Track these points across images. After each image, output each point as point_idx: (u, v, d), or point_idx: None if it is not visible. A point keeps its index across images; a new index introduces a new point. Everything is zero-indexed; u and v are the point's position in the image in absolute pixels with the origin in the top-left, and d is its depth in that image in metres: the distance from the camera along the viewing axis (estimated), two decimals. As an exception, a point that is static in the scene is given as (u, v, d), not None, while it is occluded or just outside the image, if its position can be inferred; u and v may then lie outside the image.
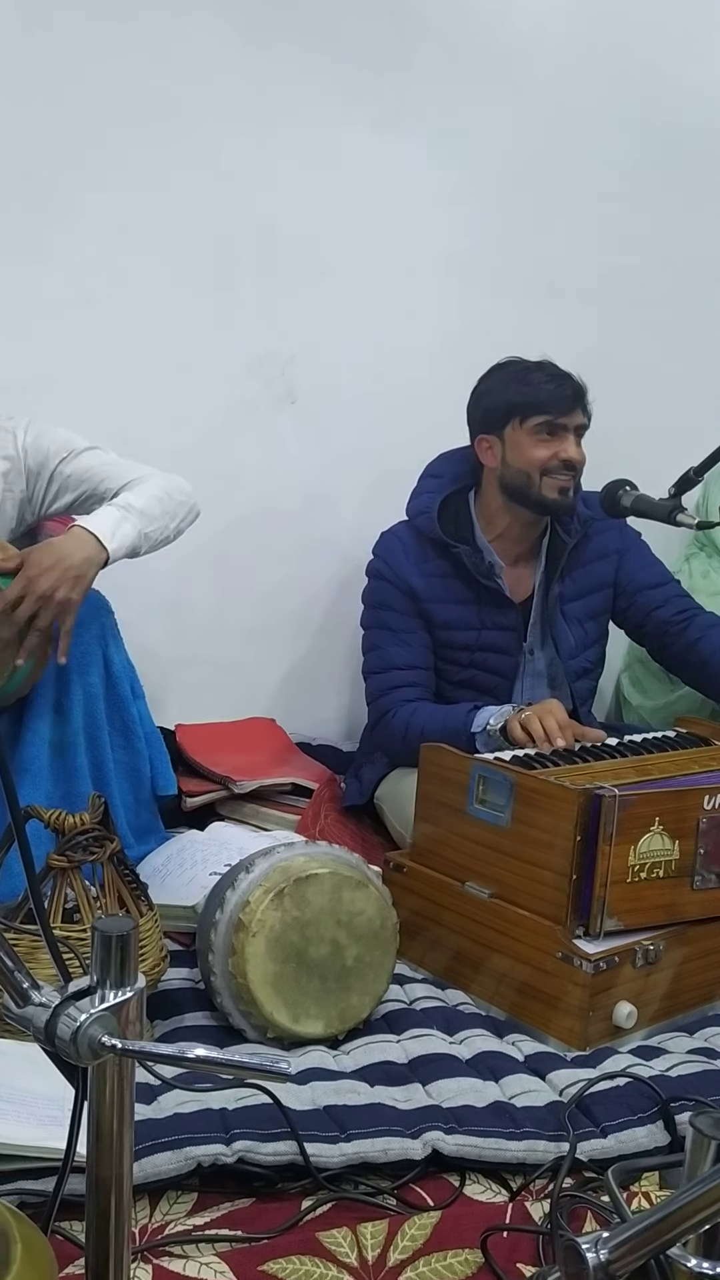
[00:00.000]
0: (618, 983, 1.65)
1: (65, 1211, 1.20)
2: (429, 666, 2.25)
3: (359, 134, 2.58)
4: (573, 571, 2.28)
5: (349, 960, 1.60)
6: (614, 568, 2.32)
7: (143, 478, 1.94)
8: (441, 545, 2.22)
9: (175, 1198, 1.28)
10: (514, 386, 2.17)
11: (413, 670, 2.23)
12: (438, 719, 2.13)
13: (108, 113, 2.36)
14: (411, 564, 2.23)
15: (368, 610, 2.31)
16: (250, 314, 2.56)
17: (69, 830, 1.55)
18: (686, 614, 2.30)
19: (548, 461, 2.15)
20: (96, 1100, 0.82)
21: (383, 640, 2.25)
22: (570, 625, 2.29)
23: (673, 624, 2.28)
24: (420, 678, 2.23)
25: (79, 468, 1.97)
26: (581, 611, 2.30)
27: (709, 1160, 0.78)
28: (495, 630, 2.24)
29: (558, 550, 2.27)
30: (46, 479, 1.98)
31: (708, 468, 2.10)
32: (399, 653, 2.23)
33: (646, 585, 2.32)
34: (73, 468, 1.97)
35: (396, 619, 2.24)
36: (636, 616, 2.33)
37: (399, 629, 2.24)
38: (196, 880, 1.91)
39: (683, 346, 2.94)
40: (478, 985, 1.79)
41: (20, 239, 2.35)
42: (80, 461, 1.98)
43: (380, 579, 2.27)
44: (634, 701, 2.74)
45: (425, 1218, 1.26)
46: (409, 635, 2.24)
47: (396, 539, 2.28)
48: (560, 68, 2.72)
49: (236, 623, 2.67)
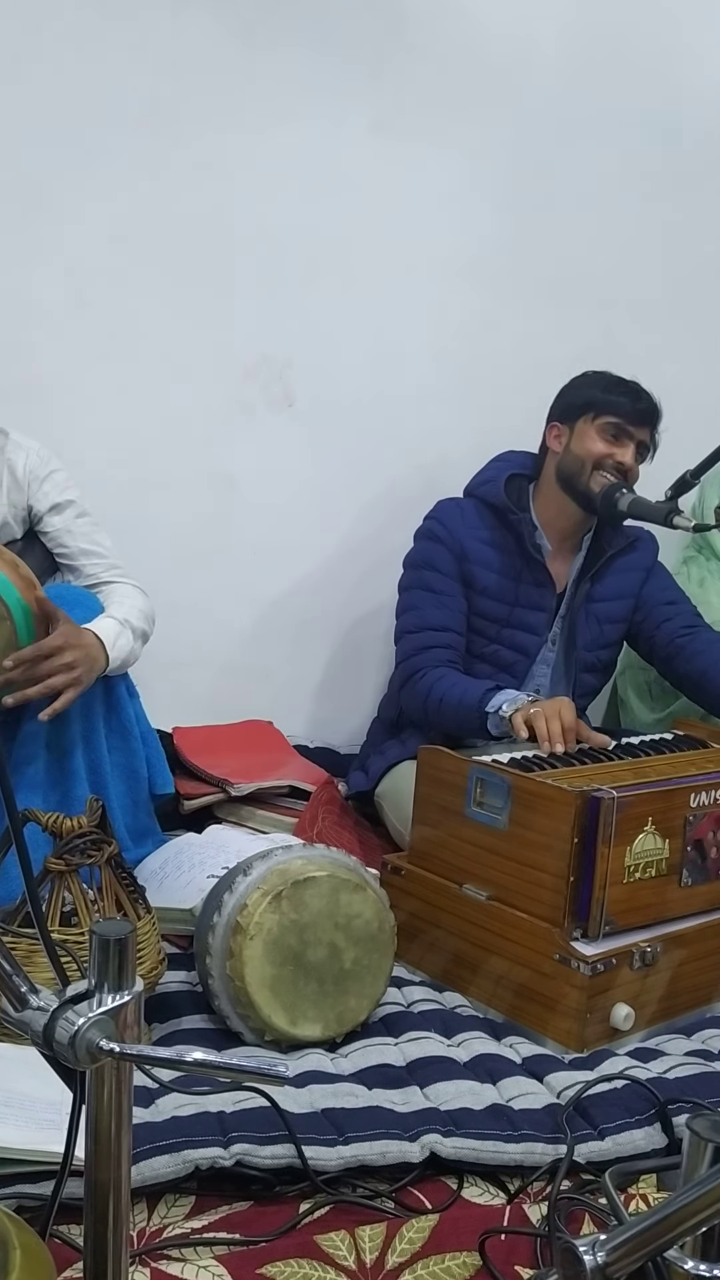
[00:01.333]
0: (615, 985, 1.66)
1: (63, 1215, 1.20)
2: (463, 632, 2.31)
3: (357, 136, 2.59)
4: (605, 576, 2.36)
5: (347, 963, 1.60)
6: (640, 581, 2.40)
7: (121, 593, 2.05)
8: (500, 514, 2.30)
9: (173, 1201, 1.28)
10: (599, 388, 2.27)
11: (447, 633, 2.28)
12: (457, 691, 2.16)
13: (105, 115, 2.36)
14: (468, 527, 2.31)
15: (410, 571, 2.36)
16: (248, 317, 2.56)
17: (66, 833, 1.55)
18: (692, 629, 2.36)
19: (603, 458, 2.24)
20: (95, 1104, 0.82)
21: (422, 601, 2.31)
22: (590, 622, 2.36)
23: (677, 637, 2.35)
24: (454, 640, 2.28)
25: (61, 527, 2.07)
26: (603, 613, 2.37)
27: (706, 1162, 0.78)
28: (528, 609, 2.31)
29: (597, 553, 2.35)
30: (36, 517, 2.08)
31: (704, 470, 2.11)
32: (436, 614, 2.28)
33: (662, 601, 2.40)
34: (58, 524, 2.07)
35: (439, 580, 2.30)
36: (647, 629, 2.40)
37: (440, 590, 2.29)
38: (194, 883, 1.91)
39: (681, 350, 2.94)
40: (475, 988, 1.79)
41: (17, 242, 2.35)
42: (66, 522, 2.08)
43: (431, 539, 2.33)
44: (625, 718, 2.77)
45: (423, 1220, 1.26)
46: (448, 599, 2.29)
47: (455, 505, 2.36)
48: (558, 70, 2.73)
49: (234, 626, 2.68)
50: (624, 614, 2.39)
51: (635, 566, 2.39)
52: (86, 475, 2.16)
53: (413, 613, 2.31)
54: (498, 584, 2.29)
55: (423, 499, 2.38)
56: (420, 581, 2.32)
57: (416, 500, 2.40)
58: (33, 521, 2.07)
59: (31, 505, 2.05)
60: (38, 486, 2.04)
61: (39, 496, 2.04)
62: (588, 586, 2.35)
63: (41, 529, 2.07)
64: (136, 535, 2.36)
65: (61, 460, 2.10)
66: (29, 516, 2.06)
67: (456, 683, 2.19)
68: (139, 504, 2.47)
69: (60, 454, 2.11)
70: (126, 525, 2.29)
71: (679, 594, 2.45)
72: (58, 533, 2.07)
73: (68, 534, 2.07)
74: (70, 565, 2.09)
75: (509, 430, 2.37)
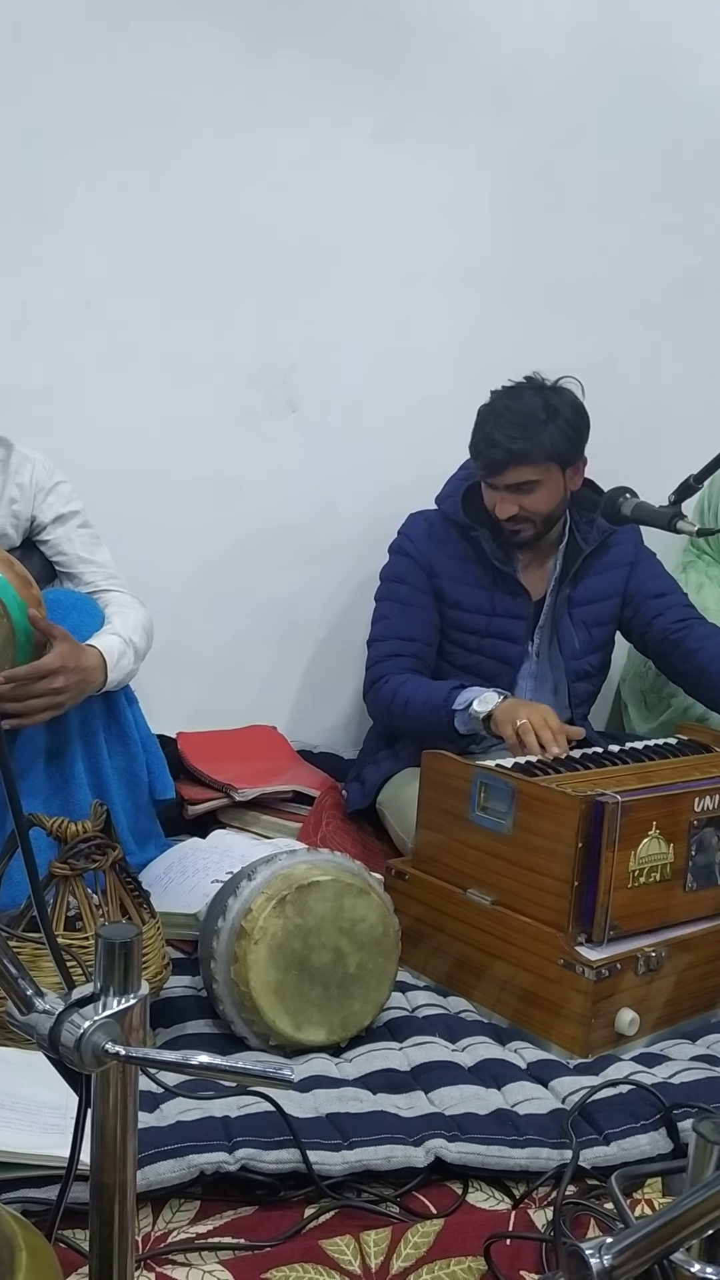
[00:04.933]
0: (620, 990, 1.65)
1: (68, 1220, 1.20)
2: (431, 643, 2.31)
3: (359, 143, 2.59)
4: (585, 578, 2.33)
5: (351, 967, 1.60)
6: (625, 578, 2.36)
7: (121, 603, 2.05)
8: (463, 528, 2.28)
9: (178, 1206, 1.28)
10: (474, 428, 2.22)
11: (413, 643, 2.29)
12: (422, 693, 2.18)
13: (108, 122, 2.37)
14: (434, 542, 2.31)
15: (383, 584, 2.38)
16: (251, 323, 2.57)
17: (71, 838, 1.55)
18: (685, 623, 2.32)
19: (491, 510, 2.22)
20: (100, 1107, 0.82)
21: (390, 611, 2.33)
22: (576, 628, 2.33)
23: (672, 631, 2.31)
24: (419, 651, 2.29)
25: (61, 536, 2.08)
26: (589, 616, 2.34)
27: (712, 1165, 0.78)
28: (506, 618, 2.29)
29: (573, 555, 2.31)
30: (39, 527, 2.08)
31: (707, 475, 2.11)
32: (403, 624, 2.30)
33: (651, 594, 2.36)
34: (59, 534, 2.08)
35: (407, 592, 2.31)
36: (640, 625, 2.36)
37: (408, 602, 2.31)
38: (198, 888, 1.91)
39: (684, 354, 2.95)
40: (480, 992, 1.79)
41: (20, 248, 2.35)
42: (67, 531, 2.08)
43: (401, 554, 2.35)
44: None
45: (428, 1225, 1.26)
46: (416, 610, 2.30)
47: (423, 519, 2.36)
48: (560, 77, 2.73)
49: (238, 631, 2.68)
50: (612, 614, 2.36)
51: (616, 564, 2.35)
52: (90, 481, 2.17)
53: (382, 623, 2.34)
54: (471, 596, 2.29)
55: (426, 504, 2.38)
56: (391, 594, 2.35)
57: (420, 505, 2.40)
58: (34, 531, 2.07)
59: (35, 516, 2.05)
60: (43, 498, 2.05)
61: (43, 508, 2.05)
62: (568, 591, 2.31)
63: (42, 538, 2.08)
64: (140, 541, 2.36)
65: (65, 466, 2.11)
66: (31, 527, 2.07)
67: (421, 685, 2.20)
68: (143, 510, 2.47)
69: (63, 460, 2.11)
70: (130, 531, 2.30)
71: (667, 583, 2.40)
72: (58, 540, 2.08)
73: (68, 542, 2.08)
74: (69, 573, 2.09)
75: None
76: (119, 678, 1.92)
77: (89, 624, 1.93)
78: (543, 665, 2.35)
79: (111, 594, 2.07)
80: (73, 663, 1.80)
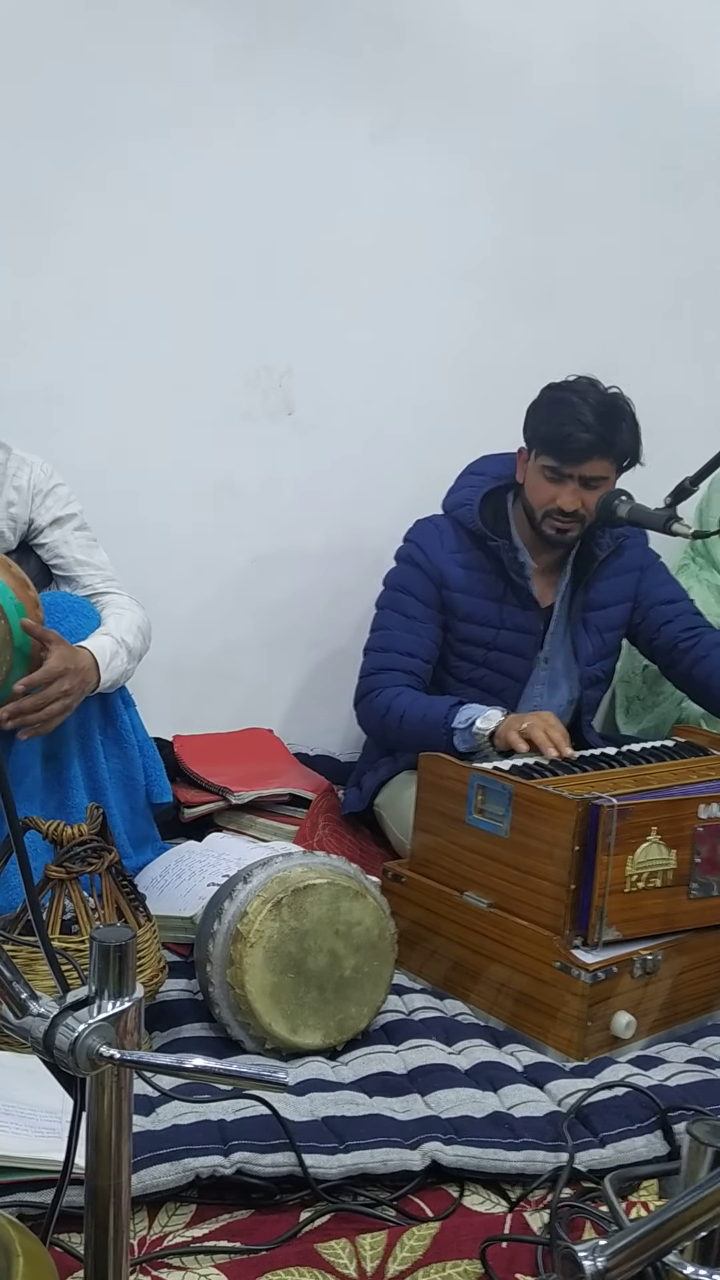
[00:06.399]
0: (616, 993, 1.65)
1: (64, 1223, 1.20)
2: (430, 660, 2.26)
3: (356, 144, 2.59)
4: (598, 583, 2.31)
5: (347, 971, 1.60)
6: (635, 583, 2.35)
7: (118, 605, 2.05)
8: (478, 538, 2.23)
9: (174, 1209, 1.28)
10: (543, 415, 2.15)
11: (412, 659, 2.23)
12: (419, 707, 2.13)
13: (106, 124, 2.37)
14: (446, 552, 2.25)
15: (387, 591, 2.32)
16: (247, 325, 2.57)
17: (67, 841, 1.55)
18: (694, 631, 2.32)
19: (546, 504, 2.16)
20: (95, 1111, 0.82)
21: (393, 623, 2.27)
22: (590, 634, 2.31)
23: (680, 640, 2.31)
24: (417, 668, 2.24)
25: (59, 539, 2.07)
26: (602, 622, 2.33)
27: (705, 1167, 0.78)
28: (514, 632, 2.26)
29: (586, 561, 2.29)
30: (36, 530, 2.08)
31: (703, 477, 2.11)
32: (405, 639, 2.24)
33: (660, 601, 2.35)
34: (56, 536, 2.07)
35: (414, 605, 2.25)
36: (648, 631, 2.35)
37: (413, 615, 2.25)
38: (194, 891, 1.91)
39: (681, 357, 2.95)
40: (476, 995, 1.79)
41: (16, 250, 2.35)
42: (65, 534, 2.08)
43: (410, 564, 2.28)
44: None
45: (424, 1228, 1.26)
46: (421, 625, 2.25)
47: (434, 526, 2.28)
48: (558, 78, 2.73)
49: (234, 634, 2.68)
50: (622, 619, 2.35)
51: (628, 568, 2.34)
52: (86, 484, 2.16)
53: (382, 632, 2.28)
54: (481, 609, 2.24)
55: (423, 507, 2.38)
56: (395, 603, 2.28)
57: (417, 508, 2.39)
58: (31, 535, 2.07)
59: (33, 519, 2.05)
60: (40, 501, 2.05)
61: (41, 510, 2.05)
62: (583, 596, 2.29)
63: (39, 541, 2.07)
64: (136, 544, 2.36)
65: (61, 469, 2.11)
66: (28, 530, 2.06)
67: (417, 699, 2.16)
68: (139, 512, 2.47)
69: (60, 463, 2.11)
70: (126, 534, 2.30)
71: (676, 590, 2.39)
72: (55, 543, 2.07)
73: (65, 545, 2.07)
74: (66, 576, 2.09)
75: (510, 438, 2.36)
76: (112, 678, 1.91)
77: (85, 627, 1.94)
78: (555, 672, 2.32)
79: (110, 596, 2.07)
80: (71, 664, 1.80)
